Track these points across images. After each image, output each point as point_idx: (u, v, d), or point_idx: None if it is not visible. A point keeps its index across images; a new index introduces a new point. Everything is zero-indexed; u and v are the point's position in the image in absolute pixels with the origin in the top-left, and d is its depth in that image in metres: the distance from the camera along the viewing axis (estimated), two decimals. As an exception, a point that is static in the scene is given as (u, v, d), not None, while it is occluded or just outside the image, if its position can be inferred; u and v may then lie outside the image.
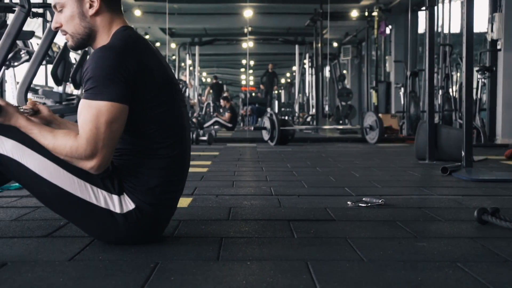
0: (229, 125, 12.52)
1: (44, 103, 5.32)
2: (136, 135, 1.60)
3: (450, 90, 8.28)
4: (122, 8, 1.72)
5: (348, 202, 2.41)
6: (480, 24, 9.03)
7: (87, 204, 1.55)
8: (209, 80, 29.21)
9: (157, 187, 1.60)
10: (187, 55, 14.60)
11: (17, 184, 2.62)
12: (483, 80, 7.86)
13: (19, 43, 4.84)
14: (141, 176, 1.60)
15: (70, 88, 6.46)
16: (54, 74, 5.27)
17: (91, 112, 1.51)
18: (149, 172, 1.60)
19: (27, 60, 4.77)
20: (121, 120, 1.53)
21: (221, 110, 13.53)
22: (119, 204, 1.57)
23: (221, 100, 13.78)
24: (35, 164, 1.53)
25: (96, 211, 1.56)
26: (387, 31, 11.86)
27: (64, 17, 1.64)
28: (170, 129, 1.63)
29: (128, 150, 1.62)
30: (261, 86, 16.41)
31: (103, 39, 1.65)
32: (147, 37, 17.43)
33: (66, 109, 5.39)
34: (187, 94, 11.99)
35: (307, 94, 15.76)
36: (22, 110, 1.68)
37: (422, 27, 11.85)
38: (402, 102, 9.70)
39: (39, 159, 1.53)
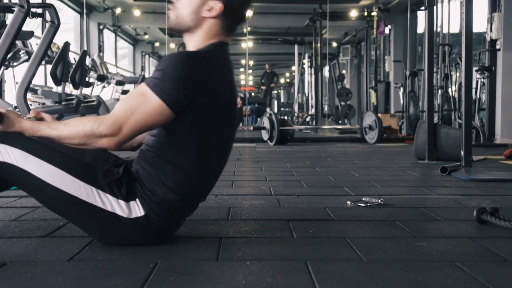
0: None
1: (43, 103, 5.33)
2: (175, 146, 1.57)
3: (450, 90, 8.29)
4: (234, 31, 1.70)
5: (348, 202, 2.41)
6: (479, 24, 9.04)
7: (92, 207, 1.54)
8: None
9: (173, 202, 1.58)
10: (187, 55, 14.55)
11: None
12: (482, 80, 7.87)
13: (18, 43, 4.84)
14: (162, 187, 1.57)
15: (69, 88, 6.46)
16: (53, 74, 5.27)
17: (138, 98, 1.51)
18: (171, 186, 1.57)
19: (26, 60, 4.77)
20: (157, 121, 1.52)
21: None
22: (126, 208, 1.56)
23: None
24: (40, 170, 1.52)
25: (102, 214, 1.55)
26: (386, 31, 11.86)
27: None
28: (210, 154, 1.61)
29: (162, 155, 1.58)
30: (263, 87, 16.43)
31: (196, 41, 1.64)
32: (146, 37, 17.46)
33: (65, 109, 5.39)
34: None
35: (307, 94, 15.77)
36: (24, 117, 1.66)
37: (421, 27, 11.86)
38: (402, 102, 9.70)
39: (43, 165, 1.52)
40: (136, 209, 1.57)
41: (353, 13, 12.55)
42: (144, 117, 1.50)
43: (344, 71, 15.43)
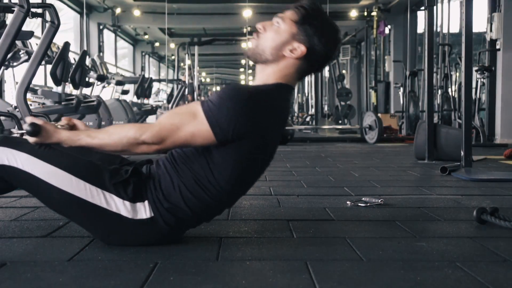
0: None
1: (43, 103, 5.33)
2: (207, 168, 1.57)
3: (449, 89, 8.29)
4: (305, 77, 1.71)
5: (347, 202, 2.41)
6: (479, 24, 9.04)
7: (97, 208, 1.54)
8: (208, 80, 29.22)
9: (183, 213, 1.58)
10: (186, 55, 14.60)
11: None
12: (482, 79, 7.88)
13: (18, 43, 4.83)
14: (178, 197, 1.57)
15: (69, 88, 6.46)
16: (53, 74, 5.27)
17: (189, 116, 1.52)
18: (188, 199, 1.57)
19: (26, 60, 4.76)
20: (199, 143, 1.53)
21: None
22: (132, 209, 1.56)
23: None
24: (45, 173, 1.53)
25: (106, 215, 1.55)
26: (386, 31, 11.87)
27: (272, 29, 1.64)
28: (238, 185, 1.63)
29: (192, 169, 1.58)
30: None
31: (266, 75, 1.64)
32: (146, 37, 17.47)
33: (65, 109, 5.38)
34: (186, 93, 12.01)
35: (306, 94, 15.77)
36: (58, 126, 1.66)
37: (421, 27, 11.87)
38: (401, 102, 9.71)
39: (49, 168, 1.53)
40: (142, 211, 1.57)
41: (353, 13, 12.56)
42: (188, 136, 1.51)
43: (344, 71, 15.43)
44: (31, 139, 1.55)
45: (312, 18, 1.63)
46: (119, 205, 1.55)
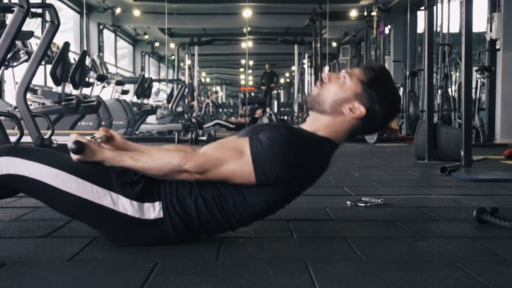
0: (232, 125, 12.52)
1: (43, 103, 5.33)
2: (231, 197, 1.58)
3: (449, 89, 8.29)
4: (355, 137, 1.73)
5: (347, 202, 2.41)
6: (479, 24, 9.04)
7: (104, 209, 1.54)
8: (208, 80, 29.22)
9: (193, 224, 1.58)
10: (186, 55, 14.61)
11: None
12: (482, 79, 7.87)
13: (18, 43, 4.83)
14: (192, 210, 1.57)
15: (69, 88, 6.46)
16: (53, 74, 5.27)
17: (235, 152, 1.52)
18: (202, 214, 1.57)
19: (26, 60, 4.77)
20: (238, 181, 1.53)
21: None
22: (139, 209, 1.56)
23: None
24: (52, 178, 1.53)
25: (113, 215, 1.55)
26: (386, 31, 11.86)
27: (337, 82, 1.64)
28: (259, 217, 1.65)
29: (216, 190, 1.58)
30: (262, 87, 16.44)
31: (319, 125, 1.65)
32: (146, 37, 17.47)
33: (65, 109, 5.39)
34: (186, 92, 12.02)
35: (306, 94, 15.74)
36: (96, 137, 1.64)
37: (421, 27, 11.87)
38: (401, 102, 9.70)
39: (55, 172, 1.53)
40: (150, 211, 1.57)
41: (353, 13, 12.56)
42: (229, 172, 1.52)
43: (344, 71, 15.40)
44: (74, 157, 1.54)
45: (380, 83, 1.63)
46: (126, 205, 1.55)
